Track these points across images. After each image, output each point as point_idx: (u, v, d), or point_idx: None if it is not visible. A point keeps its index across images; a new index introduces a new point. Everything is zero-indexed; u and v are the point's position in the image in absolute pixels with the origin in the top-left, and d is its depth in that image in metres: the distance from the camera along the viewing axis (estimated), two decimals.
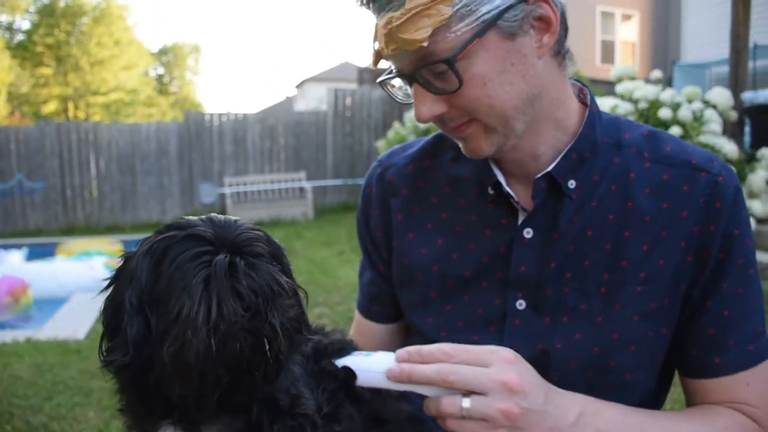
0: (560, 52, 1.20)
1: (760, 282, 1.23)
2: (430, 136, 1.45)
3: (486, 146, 1.19)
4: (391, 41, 1.09)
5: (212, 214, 1.04)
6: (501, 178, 1.27)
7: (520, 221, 1.26)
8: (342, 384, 1.13)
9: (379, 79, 1.22)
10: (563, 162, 1.22)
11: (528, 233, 1.25)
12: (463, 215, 1.33)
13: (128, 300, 0.98)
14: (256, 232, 1.02)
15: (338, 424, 1.09)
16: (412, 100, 1.18)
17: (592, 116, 1.25)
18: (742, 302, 1.20)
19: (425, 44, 1.07)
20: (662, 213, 1.19)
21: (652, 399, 1.29)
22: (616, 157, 1.24)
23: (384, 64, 1.21)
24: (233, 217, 1.04)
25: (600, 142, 1.24)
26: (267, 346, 0.95)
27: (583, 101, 1.29)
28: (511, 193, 1.26)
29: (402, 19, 1.06)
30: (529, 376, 1.05)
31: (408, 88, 1.20)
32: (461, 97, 1.12)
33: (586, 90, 1.30)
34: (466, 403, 1.01)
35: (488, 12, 1.06)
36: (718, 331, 1.19)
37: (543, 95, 1.18)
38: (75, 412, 4.50)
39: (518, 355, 1.07)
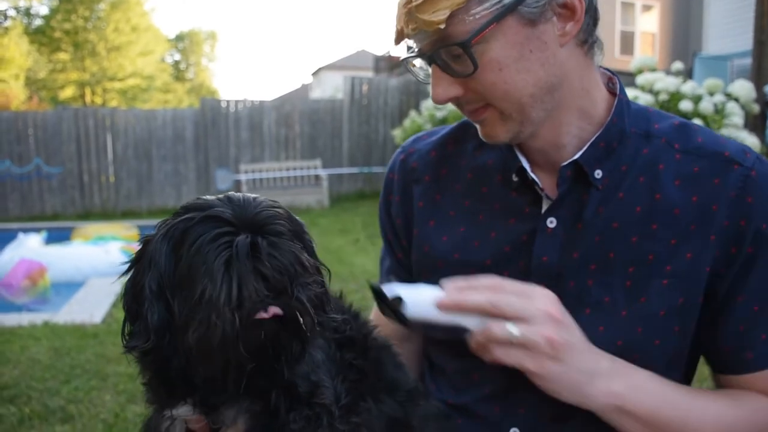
0: (587, 41, 1.17)
1: None
2: (454, 124, 1.43)
3: (501, 132, 1.17)
4: (410, 20, 1.09)
5: (230, 193, 1.02)
6: (526, 165, 1.25)
7: (543, 210, 1.24)
8: (365, 375, 1.12)
9: (402, 57, 1.21)
10: (590, 150, 1.20)
11: (551, 222, 1.23)
12: (486, 203, 1.31)
13: (148, 286, 0.97)
14: (276, 210, 1.00)
15: (356, 416, 1.08)
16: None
17: (621, 105, 1.23)
18: None
19: (442, 26, 1.06)
20: (692, 206, 1.16)
21: None
22: (645, 148, 1.21)
23: (404, 46, 1.20)
24: (252, 195, 1.02)
25: (628, 132, 1.22)
26: (301, 320, 0.94)
27: (611, 90, 1.27)
28: (536, 179, 1.24)
29: (421, 0, 1.06)
30: (567, 314, 1.10)
31: (428, 68, 1.19)
32: (477, 82, 1.11)
33: (616, 79, 1.28)
34: (513, 329, 1.05)
35: None
36: (749, 326, 1.17)
37: (564, 84, 1.15)
38: (92, 396, 4.53)
39: (555, 296, 1.12)
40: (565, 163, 1.20)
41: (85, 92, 39.53)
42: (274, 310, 0.93)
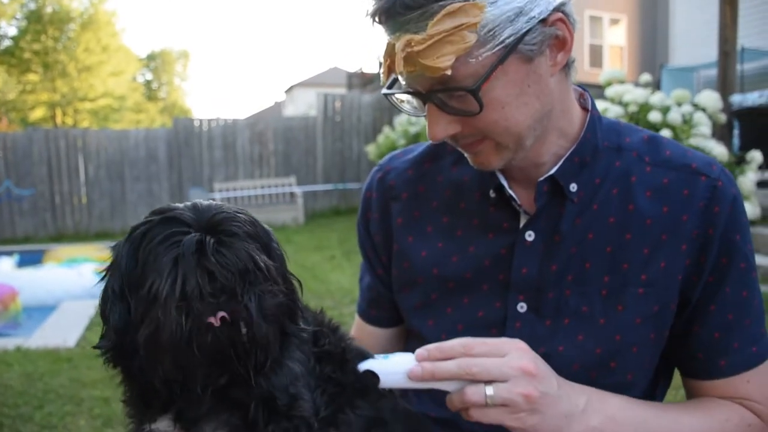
0: (567, 64, 1.19)
1: (758, 284, 1.25)
2: (430, 141, 1.44)
3: (495, 161, 1.19)
4: (409, 64, 1.06)
5: (197, 200, 1.03)
6: (504, 182, 1.27)
7: (521, 224, 1.26)
8: (343, 388, 1.12)
9: (385, 92, 1.19)
10: (565, 165, 1.22)
11: (530, 236, 1.25)
12: (464, 219, 1.33)
13: (110, 287, 0.99)
14: (237, 214, 1.00)
15: (335, 429, 1.08)
16: (421, 114, 1.18)
17: (593, 121, 1.26)
18: (745, 306, 1.22)
19: (448, 72, 1.05)
20: (663, 216, 1.20)
21: (650, 398, 1.30)
22: (617, 161, 1.24)
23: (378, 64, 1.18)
24: (221, 204, 1.03)
25: (601, 147, 1.25)
26: (244, 330, 0.93)
27: (583, 106, 1.29)
28: (514, 196, 1.26)
29: (424, 45, 1.03)
30: (541, 363, 1.09)
31: (414, 101, 1.19)
32: (479, 120, 1.11)
33: (587, 95, 1.30)
34: (489, 390, 1.04)
35: (510, 36, 1.05)
36: (723, 334, 1.21)
37: (553, 110, 1.18)
38: (66, 421, 4.45)
39: (527, 346, 1.10)
40: (542, 179, 1.23)
41: (55, 113, 39.11)
42: (221, 314, 0.93)
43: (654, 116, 7.04)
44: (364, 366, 1.12)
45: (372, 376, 1.11)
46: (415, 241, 1.37)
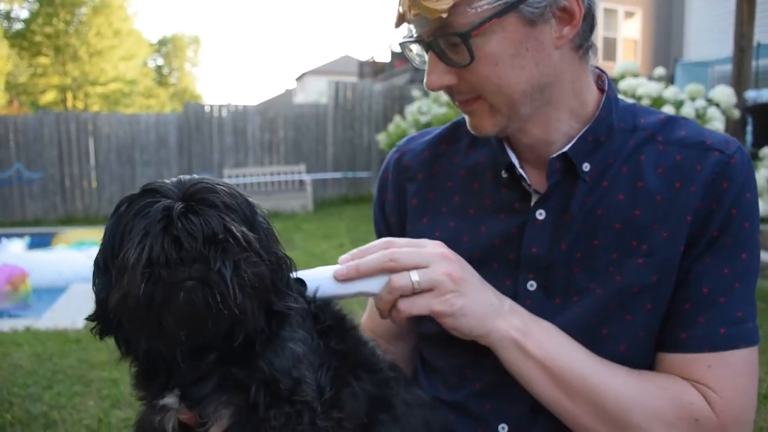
0: (582, 46, 1.20)
1: (755, 274, 1.19)
2: (447, 123, 1.46)
3: (489, 125, 1.20)
4: (413, 5, 1.10)
5: (187, 176, 1.03)
6: (515, 160, 1.27)
7: (532, 204, 1.26)
8: (346, 358, 1.12)
9: (399, 41, 1.22)
10: (579, 144, 1.22)
11: (540, 215, 1.25)
12: (477, 199, 1.34)
13: (96, 261, 1.01)
14: (217, 186, 1.00)
15: (339, 411, 1.08)
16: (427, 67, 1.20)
17: (609, 101, 1.25)
18: (724, 282, 1.15)
19: (445, 15, 1.07)
20: (674, 191, 1.18)
21: None
22: (631, 140, 1.24)
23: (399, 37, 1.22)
24: (209, 178, 1.02)
25: (616, 127, 1.24)
26: (218, 297, 0.92)
27: (600, 87, 1.29)
28: (524, 175, 1.26)
29: None
30: (457, 255, 1.17)
31: (425, 55, 1.21)
32: (471, 73, 1.13)
33: (604, 76, 1.30)
34: (414, 275, 1.10)
35: None
36: (693, 306, 1.16)
37: (556, 85, 1.18)
38: (75, 401, 4.48)
39: (443, 243, 1.17)
40: (554, 155, 1.22)
41: (66, 97, 39.21)
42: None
43: (667, 110, 7.00)
44: (293, 275, 1.12)
45: (299, 283, 1.12)
46: (430, 222, 1.38)
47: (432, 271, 1.10)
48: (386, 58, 27.29)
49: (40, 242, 10.61)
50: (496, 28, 1.09)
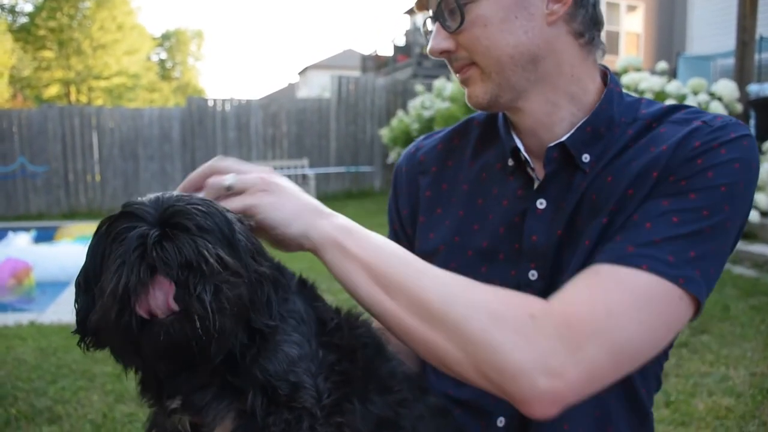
0: (584, 35, 1.23)
1: (716, 231, 1.08)
2: (460, 120, 1.50)
3: (481, 92, 1.24)
4: None
5: (162, 193, 1.04)
6: (520, 145, 1.29)
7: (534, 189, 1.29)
8: (349, 378, 1.11)
9: (425, 19, 1.30)
10: (577, 134, 1.24)
11: (541, 204, 1.27)
12: (485, 188, 1.36)
13: (77, 280, 1.03)
14: (194, 207, 0.99)
15: (340, 416, 1.07)
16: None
17: (610, 93, 1.27)
18: (657, 211, 1.09)
19: None
20: (648, 155, 1.16)
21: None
22: (630, 130, 1.24)
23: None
24: (185, 194, 1.04)
25: (618, 120, 1.25)
26: (197, 323, 0.92)
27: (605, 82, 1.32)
28: (529, 159, 1.28)
29: None
30: (283, 179, 1.19)
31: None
32: (464, 36, 1.20)
33: (607, 71, 1.33)
34: (229, 177, 1.16)
35: None
36: (619, 231, 1.11)
37: (550, 61, 1.21)
38: (79, 396, 4.51)
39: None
40: (552, 144, 1.25)
41: (70, 91, 39.23)
42: (150, 305, 0.93)
43: None
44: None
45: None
46: (443, 212, 1.41)
47: (245, 176, 1.15)
48: (389, 53, 27.27)
49: (43, 236, 10.65)
50: None
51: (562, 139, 1.24)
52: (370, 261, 1.09)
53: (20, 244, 9.60)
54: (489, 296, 1.04)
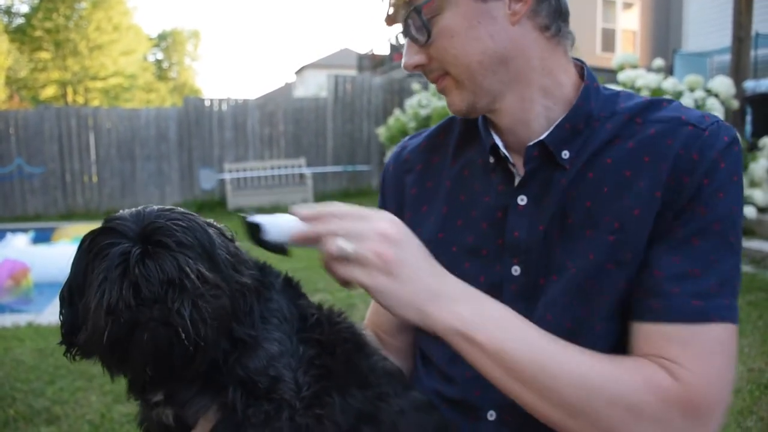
0: (549, 28, 1.24)
1: (733, 248, 1.15)
2: (445, 118, 1.52)
3: (458, 100, 1.27)
4: None
5: (143, 207, 1.07)
6: (499, 142, 1.31)
7: (515, 186, 1.30)
8: (329, 372, 1.13)
9: (396, 34, 1.30)
10: (556, 132, 1.25)
11: (522, 200, 1.28)
12: (467, 184, 1.38)
13: (61, 293, 1.07)
14: (174, 223, 1.03)
15: (319, 408, 1.09)
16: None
17: (587, 89, 1.28)
18: (698, 254, 1.12)
19: None
20: (643, 165, 1.17)
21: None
22: (609, 124, 1.25)
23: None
24: (167, 208, 1.07)
25: (596, 116, 1.26)
26: (183, 336, 0.97)
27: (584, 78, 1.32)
28: (509, 156, 1.30)
29: None
30: (407, 234, 1.13)
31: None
32: (433, 48, 1.23)
33: (583, 66, 1.33)
34: (343, 242, 1.08)
35: None
36: (665, 276, 1.13)
37: (519, 59, 1.23)
38: (77, 396, 4.51)
39: (395, 218, 1.15)
40: (531, 143, 1.26)
41: (66, 91, 39.18)
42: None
43: None
44: (254, 219, 1.15)
45: (258, 229, 1.14)
46: (428, 210, 1.43)
47: (362, 245, 1.08)
48: (385, 51, 27.25)
49: (41, 237, 10.64)
50: (449, 5, 1.18)
51: (542, 137, 1.25)
52: (498, 350, 1.09)
53: (18, 245, 9.59)
54: (624, 388, 1.08)
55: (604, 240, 1.18)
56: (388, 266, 1.07)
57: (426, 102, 13.00)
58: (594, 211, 1.20)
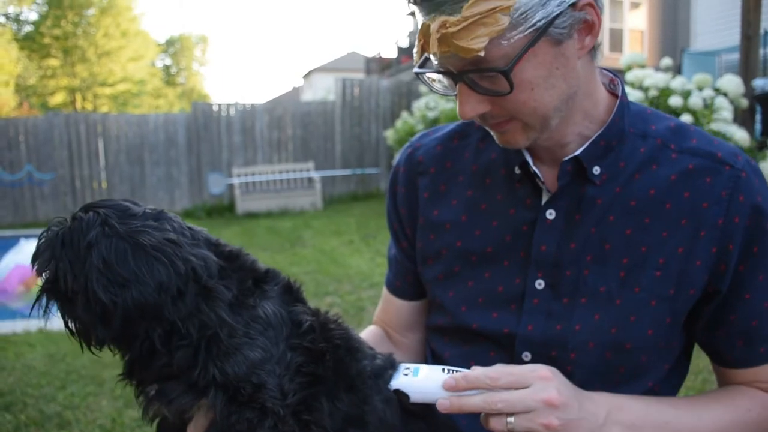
0: (593, 47, 1.21)
1: None
2: (459, 121, 1.47)
3: (522, 140, 1.21)
4: (443, 45, 1.07)
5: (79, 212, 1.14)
6: (529, 159, 1.29)
7: (543, 202, 1.29)
8: (317, 379, 1.13)
9: (417, 71, 1.20)
10: (591, 148, 1.24)
11: (551, 214, 1.27)
12: (489, 194, 1.36)
13: (44, 289, 1.15)
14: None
15: (307, 414, 1.09)
16: (451, 93, 1.20)
17: (622, 106, 1.28)
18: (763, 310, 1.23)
19: (482, 54, 1.06)
20: (683, 201, 1.21)
21: (666, 382, 1.31)
22: (642, 147, 1.26)
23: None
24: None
25: (627, 132, 1.27)
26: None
27: (611, 91, 1.31)
28: (538, 173, 1.28)
29: (459, 27, 1.04)
30: (565, 389, 1.10)
31: (445, 80, 1.20)
32: (508, 100, 1.13)
33: (617, 80, 1.32)
34: (511, 420, 1.07)
35: (541, 19, 1.06)
36: (761, 321, 1.23)
37: (578, 92, 1.20)
38: (88, 401, 4.53)
39: (554, 370, 1.12)
40: (567, 158, 1.25)
41: (75, 98, 39.38)
42: None
43: (675, 101, 6.98)
44: (394, 385, 1.18)
45: (402, 395, 1.17)
46: (441, 214, 1.41)
47: (530, 419, 1.06)
48: (393, 54, 27.28)
49: None
50: (529, 55, 1.08)
51: (577, 153, 1.24)
52: None
53: (29, 251, 9.64)
54: (747, 417, 1.22)
55: (650, 275, 1.21)
56: (559, 412, 1.07)
57: (434, 104, 12.98)
58: (634, 241, 1.23)
